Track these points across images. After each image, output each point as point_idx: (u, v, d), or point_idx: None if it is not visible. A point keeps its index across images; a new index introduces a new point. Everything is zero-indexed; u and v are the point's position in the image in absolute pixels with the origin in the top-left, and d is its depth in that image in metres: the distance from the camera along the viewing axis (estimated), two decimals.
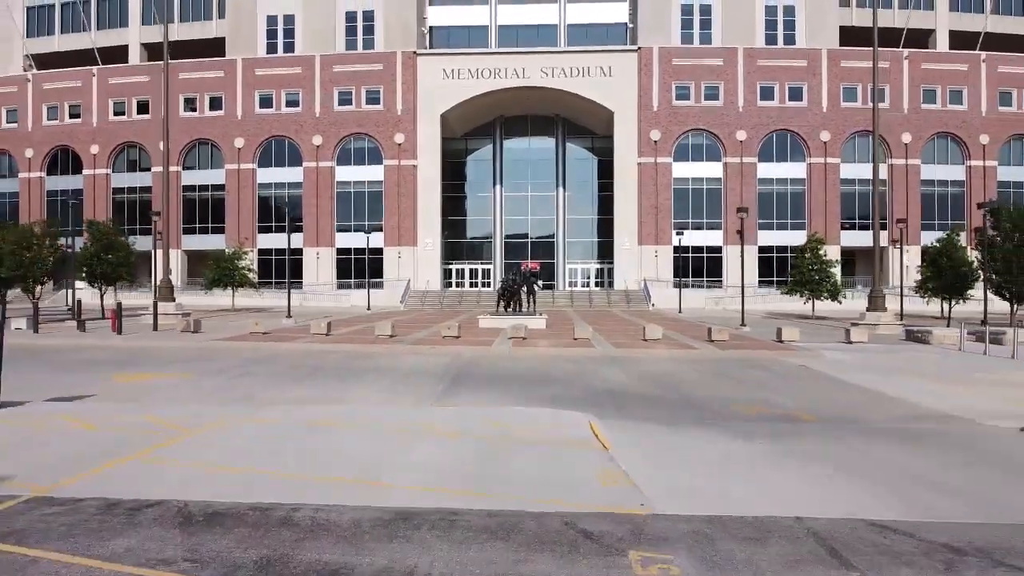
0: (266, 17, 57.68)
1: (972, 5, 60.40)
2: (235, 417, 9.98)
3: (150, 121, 57.38)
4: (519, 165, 60.45)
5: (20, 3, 65.33)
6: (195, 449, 7.99)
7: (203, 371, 15.60)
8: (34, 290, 28.85)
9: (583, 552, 4.90)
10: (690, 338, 24.01)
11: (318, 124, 55.44)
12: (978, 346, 21.76)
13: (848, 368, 17.02)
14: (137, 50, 62.76)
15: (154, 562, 4.66)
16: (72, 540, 5.01)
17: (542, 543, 5.05)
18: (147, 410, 10.52)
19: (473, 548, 4.95)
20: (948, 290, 32.13)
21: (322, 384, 13.78)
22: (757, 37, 56.03)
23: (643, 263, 53.70)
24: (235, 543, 5.01)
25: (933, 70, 55.18)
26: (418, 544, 5.01)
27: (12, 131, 60.07)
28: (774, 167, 54.56)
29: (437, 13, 59.19)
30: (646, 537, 5.23)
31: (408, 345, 21.17)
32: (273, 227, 56.70)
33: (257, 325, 24.31)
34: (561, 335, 24.50)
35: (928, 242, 41.68)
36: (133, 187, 58.50)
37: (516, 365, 17.06)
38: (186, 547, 4.92)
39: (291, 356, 18.77)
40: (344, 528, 5.34)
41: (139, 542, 5.01)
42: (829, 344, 22.78)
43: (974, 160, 55.15)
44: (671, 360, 18.56)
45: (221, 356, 18.57)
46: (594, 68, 54.25)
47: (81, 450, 7.81)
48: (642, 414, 10.76)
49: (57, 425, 9.24)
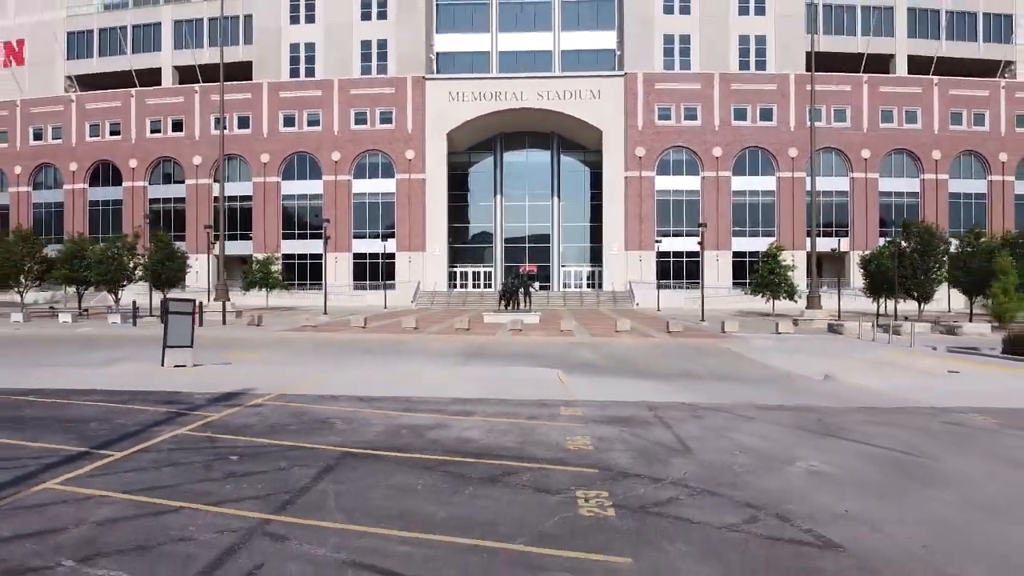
0: (289, 45, 63.81)
1: (928, 32, 66.52)
2: (344, 368, 16.06)
3: (183, 138, 63.55)
4: (517, 177, 66.55)
5: (62, 28, 71.43)
6: (339, 379, 14.08)
7: (291, 350, 21.66)
8: (116, 291, 34.91)
9: (542, 408, 10.99)
10: (653, 330, 30.14)
11: (336, 141, 61.56)
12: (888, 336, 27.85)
13: (761, 351, 23.04)
14: (169, 72, 68.83)
15: (356, 403, 10.73)
16: (314, 404, 11.08)
17: (524, 407, 11.14)
18: (286, 367, 16.59)
19: (493, 408, 11.03)
20: (878, 291, 38.26)
21: (380, 358, 19.85)
22: (732, 63, 62.17)
23: (629, 267, 59.85)
24: (389, 405, 11.09)
25: (890, 92, 61.37)
26: (470, 408, 11.09)
27: (57, 146, 66.16)
28: (747, 180, 60.73)
29: (443, 40, 65.30)
30: (570, 405, 11.35)
31: (430, 335, 27.28)
32: (296, 234, 62.81)
33: (308, 320, 30.38)
34: (551, 328, 30.61)
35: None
36: (168, 197, 64.59)
37: (513, 348, 23.15)
38: (366, 405, 10.99)
39: (345, 342, 24.85)
40: (435, 402, 11.43)
41: (342, 405, 11.08)
42: (761, 335, 28.86)
43: (927, 174, 61.30)
44: (632, 345, 24.67)
45: (294, 342, 24.67)
46: (585, 91, 60.41)
47: (274, 381, 13.86)
48: (595, 372, 16.87)
49: (245, 371, 15.28)
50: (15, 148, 67.20)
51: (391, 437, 8.94)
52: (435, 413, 10.60)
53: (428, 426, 9.66)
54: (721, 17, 62.18)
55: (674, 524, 5.79)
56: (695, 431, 9.55)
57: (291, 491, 6.55)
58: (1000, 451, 8.60)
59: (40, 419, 9.90)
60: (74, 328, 30.27)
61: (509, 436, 9.10)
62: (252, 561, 4.90)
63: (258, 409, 10.82)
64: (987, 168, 61.96)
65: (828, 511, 6.16)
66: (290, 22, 63.87)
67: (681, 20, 61.97)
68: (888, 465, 7.83)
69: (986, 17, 67.00)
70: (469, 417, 10.32)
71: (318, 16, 63.53)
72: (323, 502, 6.24)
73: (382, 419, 10.11)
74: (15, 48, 73.04)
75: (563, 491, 6.64)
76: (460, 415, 10.48)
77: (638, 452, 8.28)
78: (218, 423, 9.72)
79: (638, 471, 7.43)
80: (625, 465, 7.67)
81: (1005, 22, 67.10)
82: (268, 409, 10.82)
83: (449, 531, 5.53)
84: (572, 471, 7.37)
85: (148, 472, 7.20)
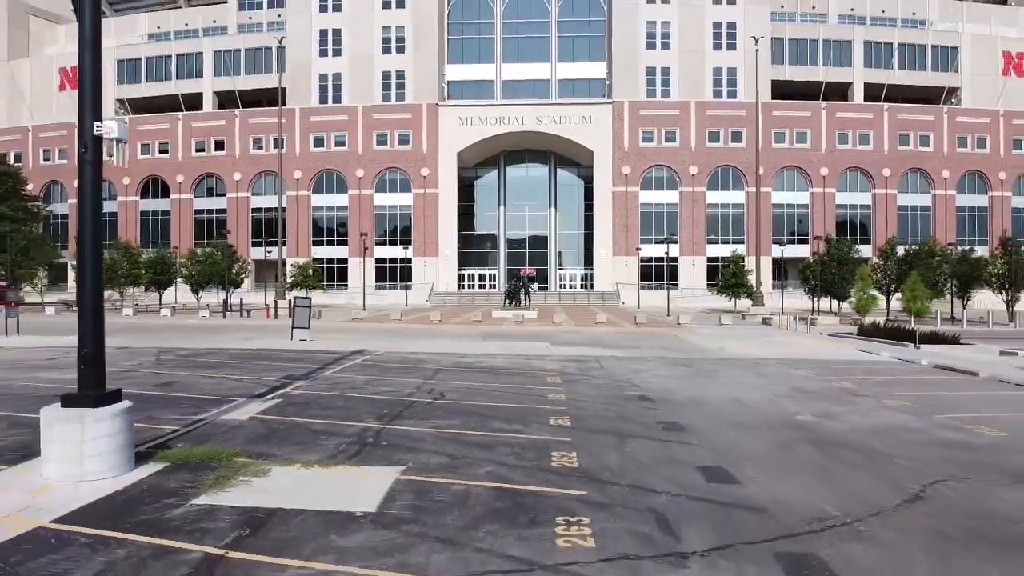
0: (319, 75, 72.47)
1: (883, 62, 75.12)
2: (407, 343, 24.71)
3: (224, 156, 72.22)
4: (519, 189, 75.16)
5: (112, 56, 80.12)
6: (411, 346, 22.73)
7: (359, 333, 30.25)
8: (198, 291, 43.63)
9: (534, 358, 19.67)
10: (626, 322, 38.81)
11: (360, 160, 70.21)
12: (798, 326, 36.50)
13: (701, 336, 31.61)
14: (210, 97, 77.54)
15: (431, 355, 19.37)
16: (408, 354, 19.70)
17: (524, 357, 19.81)
18: (370, 342, 25.23)
19: (506, 357, 19.70)
20: (813, 292, 46.90)
21: (425, 338, 28.48)
22: (707, 92, 70.79)
23: (616, 270, 68.49)
24: (449, 356, 19.75)
25: (846, 117, 69.99)
26: (493, 356, 19.74)
27: (110, 163, 74.33)
28: (719, 195, 69.35)
29: (454, 70, 73.92)
30: (550, 358, 20.05)
31: (452, 325, 35.96)
32: (324, 241, 71.51)
33: (355, 315, 38.99)
34: (546, 320, 39.27)
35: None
36: (211, 209, 73.24)
37: (516, 333, 31.82)
38: (437, 356, 19.64)
39: (393, 329, 33.46)
40: (473, 355, 20.09)
41: (424, 355, 19.72)
42: (706, 326, 37.48)
43: (878, 189, 69.89)
44: (604, 332, 33.34)
45: (357, 329, 33.30)
46: (578, 116, 69.05)
47: (372, 347, 22.45)
48: (571, 345, 25.53)
49: (346, 344, 23.88)
50: (73, 164, 75.70)
51: (457, 365, 17.63)
52: (475, 358, 19.30)
53: (473, 362, 18.36)
54: (698, 51, 70.81)
55: (583, 384, 14.49)
56: (615, 365, 18.25)
57: (426, 376, 15.25)
58: (757, 371, 17.28)
59: (273, 360, 18.54)
60: (179, 320, 38.94)
61: (516, 363, 17.81)
62: (429, 387, 13.60)
63: (381, 356, 19.51)
64: (931, 183, 70.52)
65: (656, 387, 14.82)
66: (319, 55, 72.53)
67: (662, 54, 70.61)
68: (698, 376, 16.52)
69: (934, 49, 75.67)
70: (494, 359, 19.03)
71: (344, 50, 72.19)
72: (441, 377, 14.92)
73: (449, 359, 18.81)
74: (70, 73, 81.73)
75: (541, 378, 15.33)
76: (489, 357, 19.17)
77: (579, 369, 16.99)
78: (368, 359, 18.41)
79: (576, 374, 16.12)
80: (571, 372, 16.37)
81: (952, 53, 75.74)
82: (385, 356, 19.52)
83: (495, 388, 14.21)
84: (546, 374, 16.06)
85: (360, 372, 15.88)
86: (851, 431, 10.07)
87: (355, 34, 71.99)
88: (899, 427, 10.41)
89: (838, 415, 11.30)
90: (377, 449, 8.56)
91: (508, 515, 6.16)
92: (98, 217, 7.63)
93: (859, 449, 8.96)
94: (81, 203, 7.53)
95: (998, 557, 5.43)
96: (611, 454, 8.47)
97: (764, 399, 12.95)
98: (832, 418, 11.03)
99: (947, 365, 18.84)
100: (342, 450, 8.46)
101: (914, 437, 9.72)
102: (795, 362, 19.71)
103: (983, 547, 5.63)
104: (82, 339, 7.28)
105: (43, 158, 77.08)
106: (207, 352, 20.48)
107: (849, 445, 9.18)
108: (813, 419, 10.92)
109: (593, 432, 9.72)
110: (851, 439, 9.55)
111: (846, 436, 9.75)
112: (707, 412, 11.55)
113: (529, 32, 73.60)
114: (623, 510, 6.35)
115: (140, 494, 6.61)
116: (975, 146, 70.80)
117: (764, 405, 12.29)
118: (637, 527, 5.90)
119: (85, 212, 7.49)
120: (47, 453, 7.02)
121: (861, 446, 9.14)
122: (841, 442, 9.36)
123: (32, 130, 77.50)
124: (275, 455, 8.12)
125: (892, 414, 11.46)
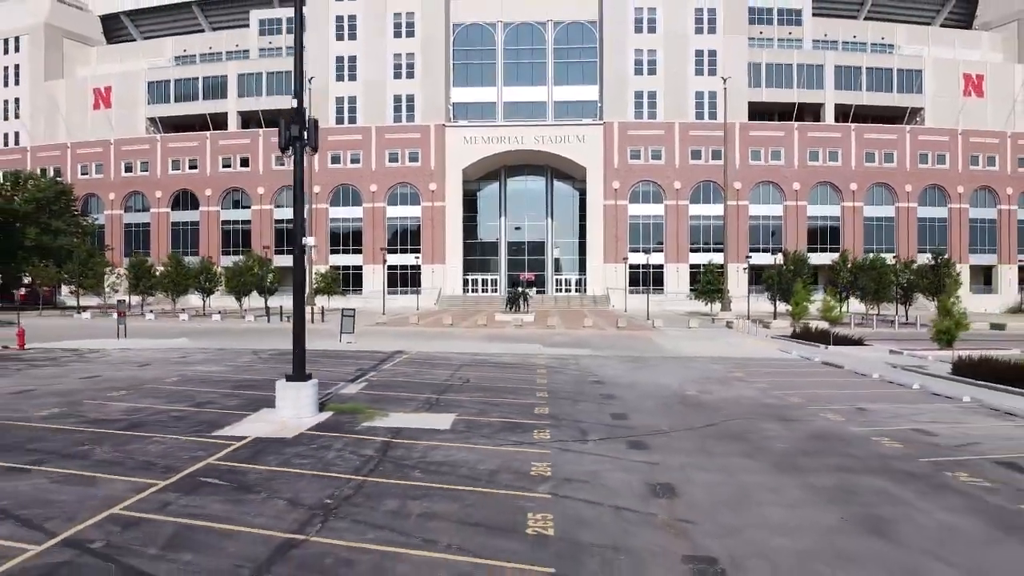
0: (335, 98, 79.41)
1: (852, 84, 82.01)
2: (431, 344, 31.61)
3: (249, 172, 79.13)
4: (519, 201, 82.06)
5: (143, 77, 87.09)
6: (434, 347, 29.65)
7: (389, 336, 37.12)
8: (241, 300, 50.52)
9: (530, 356, 26.61)
10: (608, 325, 45.76)
11: (374, 176, 77.11)
12: (757, 329, 43.41)
13: (669, 338, 38.51)
14: (235, 116, 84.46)
15: (453, 354, 26.30)
16: (436, 354, 26.60)
17: (523, 355, 26.74)
18: (402, 343, 32.12)
19: (510, 355, 26.63)
20: (774, 298, 53.84)
21: (443, 340, 35.35)
22: (689, 114, 77.71)
23: (607, 276, 75.43)
24: (467, 355, 26.69)
25: (816, 136, 76.89)
26: (498, 357, 26.67)
27: (144, 177, 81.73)
28: (701, 207, 76.27)
29: (459, 93, 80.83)
30: (540, 358, 27.01)
31: (463, 328, 42.91)
32: (340, 250, 78.46)
33: (379, 319, 45.91)
34: (541, 324, 46.21)
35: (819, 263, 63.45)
36: (237, 220, 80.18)
37: (516, 335, 38.73)
38: (458, 354, 26.55)
39: (415, 332, 40.34)
40: (484, 353, 27.02)
41: (448, 354, 26.63)
42: (676, 328, 44.38)
43: (846, 202, 76.77)
44: (589, 334, 40.26)
45: (383, 334, 40.17)
46: (572, 136, 75.98)
47: (405, 347, 29.36)
48: (559, 346, 32.47)
49: (384, 346, 30.77)
50: (109, 178, 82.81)
51: (474, 361, 24.56)
52: (486, 356, 26.26)
53: (485, 359, 25.30)
54: (681, 77, 77.70)
55: (561, 374, 21.48)
56: (588, 362, 25.20)
57: (453, 368, 22.22)
58: (686, 366, 24.20)
59: (340, 358, 25.44)
60: (231, 324, 45.85)
61: (516, 360, 24.79)
62: (458, 376, 20.58)
63: (415, 355, 26.45)
64: (895, 197, 77.42)
65: (608, 375, 21.73)
66: (335, 80, 79.44)
67: (649, 79, 77.53)
68: (643, 369, 23.46)
69: (900, 72, 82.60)
70: (500, 357, 25.99)
71: (359, 75, 79.10)
72: (465, 369, 21.86)
73: (468, 357, 25.76)
74: (103, 93, 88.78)
75: (533, 370, 22.29)
76: (496, 356, 26.12)
77: (560, 365, 23.96)
78: (408, 358, 25.37)
79: (558, 368, 23.08)
80: (554, 367, 23.36)
81: (916, 76, 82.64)
82: (419, 355, 26.47)
83: (502, 376, 21.14)
84: (536, 367, 23.00)
85: (407, 366, 22.82)
86: (713, 399, 17.02)
87: (369, 61, 78.95)
88: (744, 397, 17.34)
89: (714, 391, 18.24)
90: (439, 407, 15.52)
91: (511, 430, 13.12)
92: (302, 285, 14.54)
93: (708, 407, 15.90)
94: (298, 279, 14.45)
95: (729, 443, 12.36)
96: (567, 408, 15.44)
97: (676, 382, 19.89)
98: (708, 393, 17.98)
99: (832, 362, 25.76)
100: (421, 406, 15.45)
101: (747, 402, 16.66)
102: (722, 359, 26.63)
103: (727, 441, 12.56)
104: (296, 344, 14.23)
105: (80, 172, 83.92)
106: (288, 352, 27.37)
107: (703, 405, 16.14)
108: (695, 393, 17.87)
109: (560, 399, 16.67)
110: (708, 402, 16.51)
111: (707, 401, 16.70)
112: (634, 390, 18.48)
113: (528, 58, 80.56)
114: (566, 429, 13.31)
115: (333, 423, 13.56)
116: (935, 162, 77.63)
117: (673, 386, 19.23)
118: (570, 433, 12.87)
119: (297, 281, 14.42)
120: (280, 404, 13.98)
121: (711, 405, 16.09)
122: (701, 404, 16.30)
123: (71, 147, 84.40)
124: (387, 409, 15.07)
125: (748, 390, 18.42)
